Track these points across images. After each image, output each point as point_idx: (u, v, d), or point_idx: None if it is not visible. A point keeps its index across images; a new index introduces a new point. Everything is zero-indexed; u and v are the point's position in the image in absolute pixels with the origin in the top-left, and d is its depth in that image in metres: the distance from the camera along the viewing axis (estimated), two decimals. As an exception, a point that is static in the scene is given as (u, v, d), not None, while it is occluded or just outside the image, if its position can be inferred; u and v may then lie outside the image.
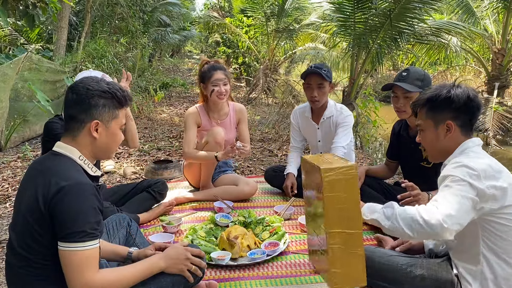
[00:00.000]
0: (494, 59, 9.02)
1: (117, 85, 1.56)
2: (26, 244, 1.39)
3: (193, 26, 19.97)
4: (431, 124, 1.73)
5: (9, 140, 5.03)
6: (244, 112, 3.30)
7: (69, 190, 1.34)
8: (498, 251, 1.55)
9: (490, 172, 1.53)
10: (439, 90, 1.71)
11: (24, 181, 1.49)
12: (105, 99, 1.50)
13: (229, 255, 2.23)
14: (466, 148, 1.67)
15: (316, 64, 3.11)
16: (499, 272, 1.56)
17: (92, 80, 1.52)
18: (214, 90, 3.03)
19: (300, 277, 2.15)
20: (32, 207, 1.37)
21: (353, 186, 1.63)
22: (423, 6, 5.30)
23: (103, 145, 1.54)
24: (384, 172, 2.98)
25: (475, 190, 1.50)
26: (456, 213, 1.48)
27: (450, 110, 1.68)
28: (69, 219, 1.33)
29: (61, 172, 1.39)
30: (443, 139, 1.71)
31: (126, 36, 10.25)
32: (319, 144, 3.29)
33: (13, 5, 4.79)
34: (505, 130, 8.19)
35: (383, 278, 1.75)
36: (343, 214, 1.63)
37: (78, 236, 1.32)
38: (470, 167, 1.53)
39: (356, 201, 1.64)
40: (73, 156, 1.48)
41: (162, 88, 10.08)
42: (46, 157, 1.51)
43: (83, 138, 1.50)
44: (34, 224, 1.37)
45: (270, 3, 9.44)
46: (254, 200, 3.24)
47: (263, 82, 9.33)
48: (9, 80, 4.72)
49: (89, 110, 1.48)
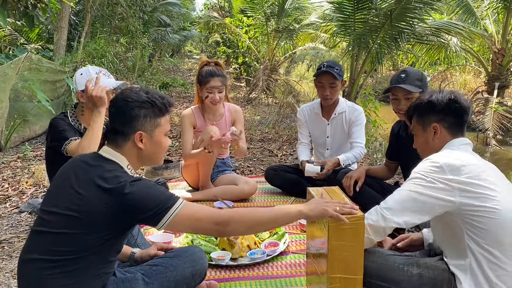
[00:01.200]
0: (494, 59, 9.03)
1: (156, 93, 1.55)
2: (62, 241, 1.38)
3: (193, 26, 19.97)
4: (420, 128, 1.83)
5: (9, 140, 5.03)
6: (240, 113, 3.30)
7: (132, 185, 1.38)
8: (482, 242, 1.58)
9: (456, 165, 1.60)
10: (423, 97, 1.82)
11: (68, 180, 1.46)
12: (145, 109, 1.50)
13: (229, 255, 2.23)
14: (450, 146, 1.75)
15: (328, 63, 3.14)
16: (485, 263, 1.58)
17: (132, 91, 1.52)
18: (208, 97, 3.04)
19: (300, 277, 2.15)
20: (85, 208, 1.37)
21: (359, 235, 1.64)
22: (423, 6, 5.30)
23: (149, 154, 1.56)
24: (384, 173, 2.99)
25: (435, 183, 1.60)
26: (397, 206, 1.66)
27: (434, 113, 1.77)
28: (149, 201, 1.39)
29: (118, 175, 1.42)
30: (432, 141, 1.80)
31: (126, 36, 10.25)
32: (328, 140, 3.31)
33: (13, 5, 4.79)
34: (505, 130, 8.19)
35: (381, 278, 1.76)
36: (346, 261, 1.65)
37: (165, 205, 1.40)
38: (434, 161, 1.64)
39: (361, 249, 1.65)
40: (122, 164, 1.49)
41: (162, 88, 10.09)
42: (95, 158, 1.50)
43: (129, 149, 1.52)
44: (82, 223, 1.36)
45: (270, 3, 9.44)
46: (254, 200, 3.24)
47: (263, 82, 9.33)
48: (9, 80, 4.72)
49: (131, 123, 1.49)
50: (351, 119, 3.20)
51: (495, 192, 1.59)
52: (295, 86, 9.68)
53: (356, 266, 1.66)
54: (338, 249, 1.63)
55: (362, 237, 1.65)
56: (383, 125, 5.92)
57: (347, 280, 1.66)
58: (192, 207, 1.47)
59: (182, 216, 1.42)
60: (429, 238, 2.00)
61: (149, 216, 1.40)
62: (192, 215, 1.45)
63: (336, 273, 1.65)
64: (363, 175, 2.86)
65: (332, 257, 1.64)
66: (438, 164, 1.62)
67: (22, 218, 3.05)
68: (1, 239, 2.71)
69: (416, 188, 1.63)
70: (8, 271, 2.31)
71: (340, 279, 1.65)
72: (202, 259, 1.76)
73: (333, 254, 1.64)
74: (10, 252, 2.54)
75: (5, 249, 2.59)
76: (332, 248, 1.63)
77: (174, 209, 1.42)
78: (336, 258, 1.64)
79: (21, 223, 2.96)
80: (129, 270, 1.63)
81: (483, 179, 1.60)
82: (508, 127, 8.25)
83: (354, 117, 3.19)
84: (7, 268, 2.34)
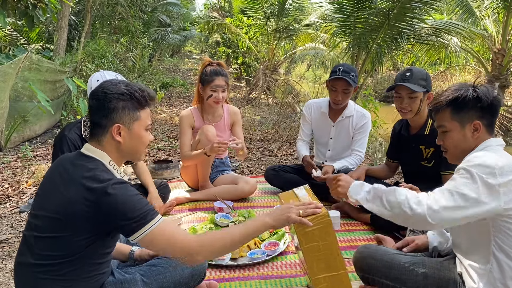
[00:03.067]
0: (494, 59, 9.02)
1: (136, 86, 1.53)
2: (51, 245, 1.37)
3: (193, 26, 19.96)
4: (457, 124, 1.67)
5: (9, 140, 5.03)
6: (239, 115, 3.30)
7: (114, 188, 1.35)
8: (509, 251, 1.53)
9: (507, 168, 1.49)
10: (464, 91, 1.66)
11: (53, 182, 1.45)
12: (123, 101, 1.47)
13: (229, 255, 2.23)
14: (488, 145, 1.64)
15: (344, 67, 3.02)
16: (507, 271, 1.53)
17: (111, 84, 1.50)
18: (212, 96, 3.03)
19: (300, 277, 2.15)
20: (70, 209, 1.35)
21: (328, 232, 1.62)
22: (423, 6, 5.29)
23: (129, 148, 1.52)
24: (384, 172, 2.99)
25: (486, 187, 1.46)
26: (444, 211, 1.47)
27: (477, 109, 1.64)
28: (128, 210, 1.35)
29: (99, 174, 1.39)
30: (470, 139, 1.67)
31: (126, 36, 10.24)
32: (330, 141, 3.30)
33: (13, 5, 4.79)
34: (505, 130, 8.19)
35: (386, 276, 1.75)
36: (325, 260, 1.64)
37: (144, 218, 1.36)
38: (486, 164, 1.49)
39: (334, 245, 1.64)
40: (103, 161, 1.46)
41: (162, 88, 10.08)
42: (77, 157, 1.48)
43: (108, 143, 1.49)
44: (68, 225, 1.35)
45: (270, 3, 9.43)
46: (254, 200, 3.24)
47: (263, 82, 9.33)
48: (9, 80, 4.72)
49: (109, 115, 1.46)
50: (358, 124, 3.19)
51: None
52: (295, 86, 9.67)
53: (336, 262, 1.65)
54: (313, 251, 1.63)
55: (332, 233, 1.64)
56: (383, 125, 5.92)
57: (332, 278, 1.66)
58: (170, 227, 1.42)
59: (157, 234, 1.38)
60: (434, 241, 1.95)
61: (125, 224, 1.36)
62: (168, 236, 1.40)
63: (319, 274, 1.65)
64: (363, 175, 2.87)
65: (309, 260, 1.64)
66: (489, 167, 1.48)
67: (22, 218, 3.05)
68: (1, 239, 2.71)
69: (465, 190, 1.48)
70: (8, 271, 2.31)
71: (324, 279, 1.65)
72: None
73: (309, 257, 1.64)
74: (10, 252, 2.54)
75: (5, 249, 2.59)
76: (307, 251, 1.63)
77: (152, 224, 1.38)
78: (314, 260, 1.64)
79: (21, 223, 2.96)
80: (128, 271, 1.63)
81: None
82: (508, 127, 8.25)
83: (361, 123, 3.18)
84: (7, 268, 2.34)
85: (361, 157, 3.19)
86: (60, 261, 1.37)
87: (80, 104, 4.51)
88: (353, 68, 3.11)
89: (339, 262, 1.65)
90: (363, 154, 3.20)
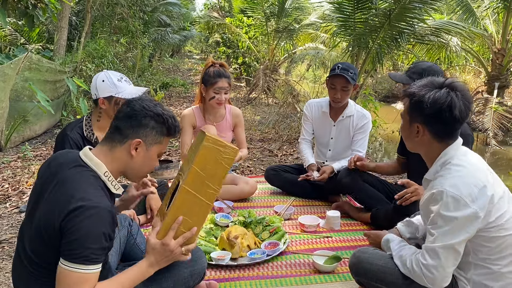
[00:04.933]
0: (494, 59, 9.03)
1: (171, 114, 1.54)
2: (35, 255, 1.38)
3: (193, 26, 19.96)
4: (407, 119, 1.67)
5: (9, 140, 5.03)
6: (241, 117, 3.29)
7: (85, 211, 1.29)
8: (486, 258, 1.59)
9: (475, 193, 1.52)
10: (420, 89, 1.61)
11: (43, 189, 1.42)
12: (156, 122, 1.49)
13: (229, 255, 2.23)
14: (446, 160, 1.62)
15: (343, 65, 3.04)
16: (489, 275, 1.59)
17: (151, 102, 1.52)
18: (214, 97, 3.02)
19: (300, 277, 2.16)
20: (47, 221, 1.34)
21: (221, 165, 1.57)
22: (423, 6, 5.29)
23: (137, 165, 1.51)
24: (391, 168, 2.96)
25: (467, 222, 1.51)
26: (444, 268, 1.55)
27: (421, 114, 1.60)
28: (78, 240, 1.28)
29: (82, 190, 1.34)
30: (414, 139, 1.67)
31: (126, 36, 10.23)
32: (331, 141, 3.30)
33: (13, 5, 4.79)
34: (505, 130, 8.19)
35: (381, 281, 1.76)
36: (200, 179, 1.55)
37: (81, 259, 1.28)
38: (455, 197, 1.50)
39: (216, 178, 1.57)
40: (98, 172, 1.44)
41: (162, 88, 10.08)
42: (71, 163, 1.44)
43: (120, 152, 1.48)
44: (47, 238, 1.35)
45: (270, 3, 9.43)
46: (254, 200, 3.24)
47: (263, 82, 9.33)
48: (9, 80, 4.72)
49: (137, 127, 1.47)
50: (358, 124, 3.18)
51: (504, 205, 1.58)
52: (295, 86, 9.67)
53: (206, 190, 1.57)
54: (200, 164, 1.55)
55: (223, 168, 1.58)
56: (383, 125, 5.93)
57: (195, 198, 1.56)
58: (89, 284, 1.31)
59: (76, 279, 1.28)
60: (405, 232, 1.97)
61: (66, 249, 1.29)
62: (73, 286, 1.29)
63: (188, 185, 1.55)
64: (370, 165, 2.89)
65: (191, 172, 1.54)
66: (457, 197, 1.50)
67: (22, 218, 3.05)
68: (1, 239, 2.71)
69: (451, 239, 1.52)
70: (8, 271, 2.31)
71: (189, 193, 1.55)
72: (200, 259, 1.76)
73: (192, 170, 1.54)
74: (10, 252, 2.54)
75: (5, 249, 2.59)
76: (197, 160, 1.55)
77: (85, 268, 1.29)
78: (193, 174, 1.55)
79: (21, 223, 2.96)
80: None
81: (496, 197, 1.56)
82: (508, 127, 8.25)
83: (361, 123, 3.18)
84: (7, 268, 2.34)
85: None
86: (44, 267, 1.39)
87: (80, 104, 4.51)
88: (352, 66, 3.11)
89: (210, 195, 1.57)
90: (363, 155, 3.19)
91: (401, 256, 1.72)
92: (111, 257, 1.85)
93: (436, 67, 2.59)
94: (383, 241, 1.89)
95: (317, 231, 2.69)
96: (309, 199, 3.24)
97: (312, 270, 2.22)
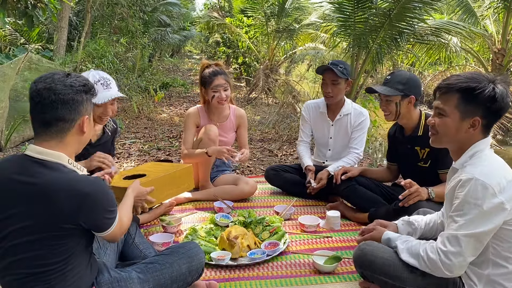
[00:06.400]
0: (494, 59, 9.02)
1: (81, 76, 1.53)
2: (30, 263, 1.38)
3: (193, 26, 19.95)
4: (458, 115, 1.62)
5: (9, 140, 5.03)
6: (245, 118, 3.34)
7: (92, 196, 1.39)
8: (507, 256, 1.57)
9: (503, 183, 1.52)
10: (483, 85, 1.58)
11: (10, 199, 1.37)
12: (86, 93, 1.48)
13: (229, 255, 2.23)
14: (477, 151, 1.63)
15: (334, 60, 3.15)
16: (505, 274, 1.58)
17: (65, 76, 1.46)
18: (214, 96, 3.06)
19: (300, 278, 2.15)
20: (45, 226, 1.35)
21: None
22: (423, 6, 5.29)
23: (86, 137, 1.54)
24: (383, 174, 2.98)
25: (492, 211, 1.50)
26: (464, 256, 1.55)
27: (485, 108, 1.58)
28: (105, 216, 1.45)
29: (71, 183, 1.37)
30: (463, 133, 1.63)
31: (126, 36, 10.22)
32: (330, 141, 3.30)
33: (13, 5, 4.79)
34: (505, 130, 8.19)
35: (385, 274, 1.76)
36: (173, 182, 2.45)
37: (112, 220, 1.48)
38: (484, 185, 1.51)
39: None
40: (63, 162, 1.42)
41: (162, 88, 10.07)
42: (28, 166, 1.38)
43: (72, 136, 1.47)
44: (48, 241, 1.36)
45: (270, 3, 9.42)
46: (254, 200, 3.24)
47: (263, 82, 9.32)
48: (9, 80, 4.72)
49: (78, 108, 1.45)
50: (356, 122, 3.19)
51: None
52: (295, 86, 9.67)
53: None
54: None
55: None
56: (383, 125, 5.92)
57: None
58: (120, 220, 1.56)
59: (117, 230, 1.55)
60: (403, 231, 1.98)
61: (95, 225, 1.46)
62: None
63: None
64: (356, 170, 2.88)
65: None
66: (486, 185, 1.51)
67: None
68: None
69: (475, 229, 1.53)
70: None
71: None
72: (198, 255, 1.76)
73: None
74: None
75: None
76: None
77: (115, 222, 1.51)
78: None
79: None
80: (124, 269, 1.64)
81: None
82: (508, 127, 8.24)
83: (359, 120, 3.18)
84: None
85: (359, 154, 3.18)
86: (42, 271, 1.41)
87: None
88: (343, 61, 3.18)
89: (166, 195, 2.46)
90: (360, 152, 3.19)
91: (409, 248, 1.71)
92: (109, 256, 1.86)
93: (416, 76, 2.70)
94: (383, 240, 1.89)
95: (317, 231, 2.68)
96: (309, 199, 3.24)
97: (312, 270, 2.22)
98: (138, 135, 5.93)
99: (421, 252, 1.65)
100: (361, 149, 3.19)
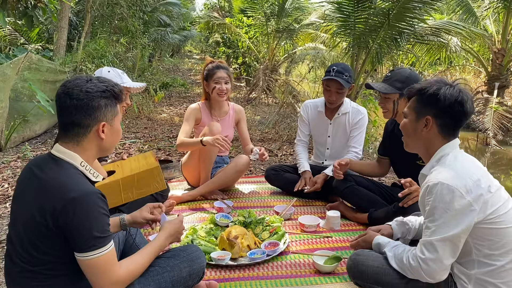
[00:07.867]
0: (494, 59, 9.03)
1: (110, 81, 1.53)
2: (27, 255, 1.39)
3: (193, 26, 19.96)
4: (414, 115, 1.75)
5: (9, 140, 5.03)
6: (243, 113, 3.47)
7: (77, 203, 1.33)
8: (490, 254, 1.58)
9: (469, 184, 1.55)
10: (431, 85, 1.71)
11: (22, 189, 1.45)
12: (105, 98, 1.47)
13: (229, 255, 2.23)
14: (442, 155, 1.69)
15: (338, 67, 3.03)
16: (492, 272, 1.59)
17: (86, 81, 1.47)
18: (215, 87, 3.19)
19: (300, 278, 2.15)
20: (34, 221, 1.36)
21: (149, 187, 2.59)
22: (423, 6, 5.29)
23: (108, 143, 1.53)
24: (373, 169, 2.95)
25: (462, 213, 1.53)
26: (442, 261, 1.57)
27: (434, 107, 1.68)
28: (84, 230, 1.34)
29: (65, 184, 1.37)
30: (420, 133, 1.73)
31: (126, 36, 10.22)
32: (328, 140, 3.30)
33: (13, 5, 4.79)
34: (505, 130, 8.19)
35: (377, 282, 1.77)
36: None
37: (95, 245, 1.35)
38: (451, 188, 1.54)
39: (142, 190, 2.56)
40: (74, 163, 1.44)
41: (162, 88, 10.07)
42: (45, 162, 1.45)
43: (89, 142, 1.48)
44: (36, 238, 1.37)
45: (270, 3, 9.42)
46: (254, 200, 3.24)
47: (263, 82, 9.32)
48: (9, 80, 4.72)
49: (93, 114, 1.45)
50: (354, 120, 3.19)
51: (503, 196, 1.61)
52: (295, 86, 9.67)
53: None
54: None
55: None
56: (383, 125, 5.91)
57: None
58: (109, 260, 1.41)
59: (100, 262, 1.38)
60: (397, 232, 2.01)
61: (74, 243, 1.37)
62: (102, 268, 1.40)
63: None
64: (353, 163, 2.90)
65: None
66: (452, 188, 1.54)
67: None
68: (1, 239, 2.71)
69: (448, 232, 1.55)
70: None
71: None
72: (199, 259, 1.76)
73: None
74: (10, 252, 2.53)
75: (5, 249, 2.59)
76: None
77: (100, 251, 1.38)
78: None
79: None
80: None
81: (493, 187, 1.59)
82: (508, 127, 8.25)
83: (357, 119, 3.19)
84: (7, 268, 2.34)
85: (358, 153, 3.17)
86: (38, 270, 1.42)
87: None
88: (347, 67, 3.10)
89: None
90: (360, 151, 3.18)
91: (396, 255, 1.74)
92: None
93: (416, 74, 2.66)
94: (374, 244, 1.93)
95: (317, 231, 2.68)
96: (309, 199, 3.24)
97: (312, 270, 2.22)
98: (138, 135, 5.93)
99: (404, 260, 1.68)
100: (360, 148, 3.18)
